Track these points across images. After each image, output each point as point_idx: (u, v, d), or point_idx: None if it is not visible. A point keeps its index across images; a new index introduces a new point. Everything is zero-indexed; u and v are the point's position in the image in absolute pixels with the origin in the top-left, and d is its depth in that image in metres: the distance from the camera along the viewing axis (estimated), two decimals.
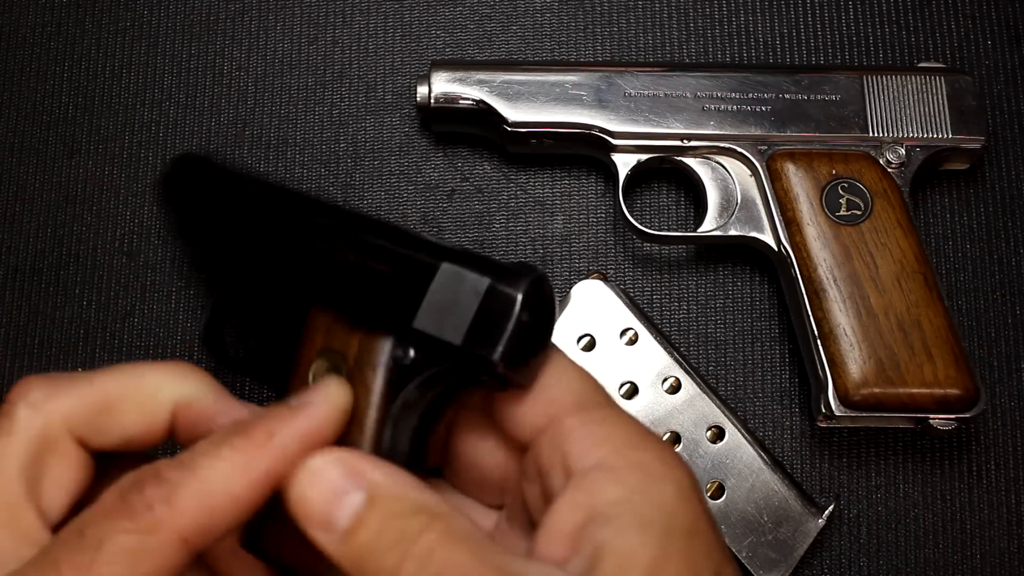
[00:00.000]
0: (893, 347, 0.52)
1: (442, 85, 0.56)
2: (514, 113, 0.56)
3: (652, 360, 0.55)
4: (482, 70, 0.57)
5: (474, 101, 0.56)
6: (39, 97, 0.60)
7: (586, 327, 0.55)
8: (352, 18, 0.62)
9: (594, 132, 0.56)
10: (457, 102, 0.56)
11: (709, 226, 0.56)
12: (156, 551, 0.33)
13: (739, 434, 0.54)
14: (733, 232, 0.55)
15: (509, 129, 0.56)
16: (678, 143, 0.56)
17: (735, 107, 0.56)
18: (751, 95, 0.56)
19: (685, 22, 0.62)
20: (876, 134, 0.56)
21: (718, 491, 0.53)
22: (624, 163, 0.56)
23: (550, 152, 0.58)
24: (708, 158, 0.56)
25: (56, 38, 0.61)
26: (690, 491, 0.35)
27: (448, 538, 0.33)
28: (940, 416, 0.51)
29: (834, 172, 0.55)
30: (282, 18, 0.62)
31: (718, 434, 0.54)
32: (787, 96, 0.56)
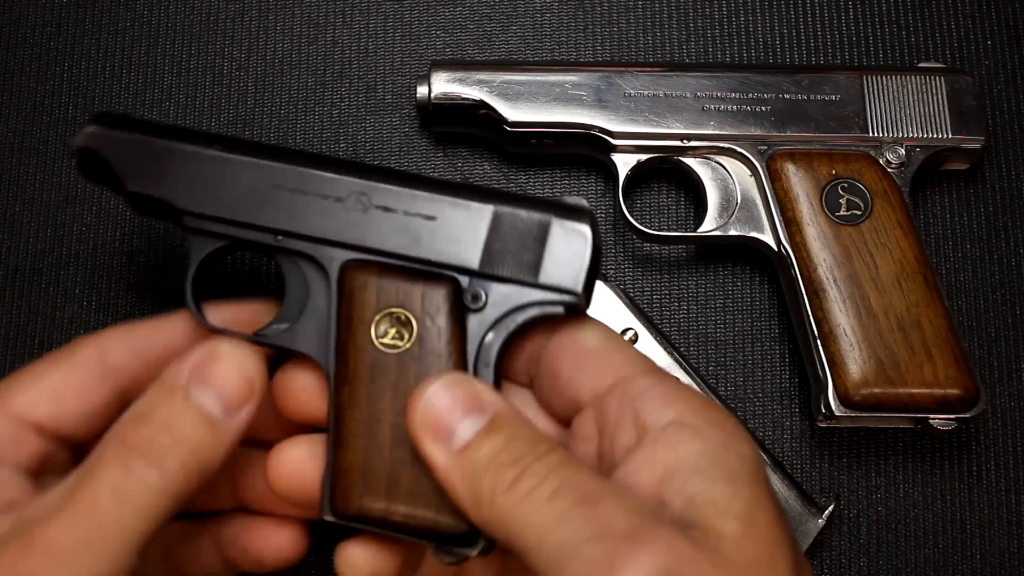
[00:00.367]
0: (893, 347, 0.52)
1: (442, 85, 0.56)
2: (514, 113, 0.56)
3: (652, 360, 0.54)
4: (482, 70, 0.57)
5: (474, 101, 0.56)
6: (39, 97, 0.60)
7: None
8: (352, 18, 0.62)
9: (594, 132, 0.56)
10: (457, 102, 0.56)
11: (709, 226, 0.56)
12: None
13: None
14: (733, 232, 0.55)
15: (509, 129, 0.56)
16: (678, 143, 0.56)
17: (735, 107, 0.56)
18: (751, 95, 0.56)
19: (685, 22, 0.62)
20: (876, 134, 0.56)
21: None
22: (624, 163, 0.56)
23: (550, 152, 0.58)
24: (708, 158, 0.56)
25: (56, 38, 0.61)
26: (759, 451, 0.37)
27: (568, 461, 0.36)
28: (940, 416, 0.51)
29: (834, 172, 0.55)
30: (282, 18, 0.62)
31: None
32: (787, 96, 0.56)
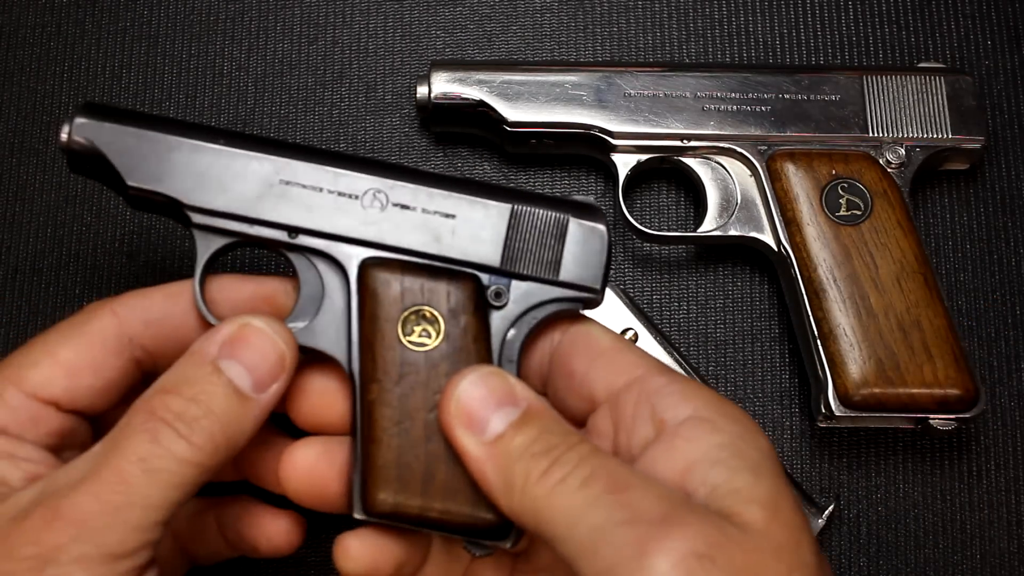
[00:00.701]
0: (893, 347, 0.52)
1: (442, 85, 0.56)
2: (514, 113, 0.56)
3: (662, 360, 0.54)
4: (482, 70, 0.57)
5: (474, 101, 0.56)
6: (39, 97, 0.60)
7: None
8: (352, 18, 0.62)
9: (594, 132, 0.56)
10: (457, 102, 0.56)
11: (709, 226, 0.56)
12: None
13: None
14: (733, 232, 0.55)
15: (509, 129, 0.56)
16: (678, 143, 0.56)
17: (735, 107, 0.56)
18: (751, 95, 0.56)
19: (685, 22, 0.62)
20: (876, 134, 0.56)
21: None
22: (624, 163, 0.56)
23: (550, 152, 0.58)
24: (708, 158, 0.56)
25: (56, 38, 0.61)
26: (772, 446, 0.39)
27: (598, 451, 0.37)
28: (940, 416, 0.51)
29: (834, 172, 0.55)
30: (282, 18, 0.62)
31: None
32: (787, 96, 0.56)
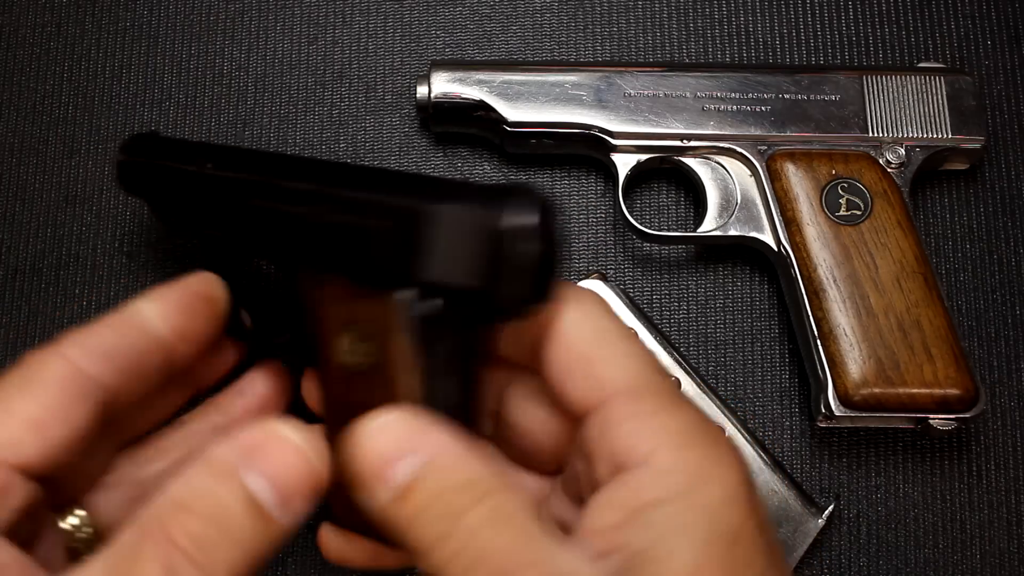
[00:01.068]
0: (893, 347, 0.52)
1: (442, 85, 0.56)
2: (514, 113, 0.56)
3: (650, 359, 0.54)
4: (482, 70, 0.57)
5: (474, 101, 0.56)
6: (39, 97, 0.60)
7: None
8: (352, 18, 0.62)
9: (594, 132, 0.56)
10: (457, 102, 0.56)
11: (709, 226, 0.56)
12: None
13: (739, 434, 0.54)
14: (733, 232, 0.55)
15: (509, 129, 0.56)
16: (678, 143, 0.56)
17: (735, 107, 0.56)
18: (751, 95, 0.56)
19: (685, 22, 0.62)
20: (876, 134, 0.56)
21: None
22: (624, 163, 0.56)
23: (550, 152, 0.58)
24: (708, 158, 0.56)
25: (56, 38, 0.61)
26: (736, 492, 0.34)
27: (494, 519, 0.33)
28: (940, 416, 0.51)
29: (834, 172, 0.55)
30: (282, 18, 0.62)
31: None
32: (787, 96, 0.56)
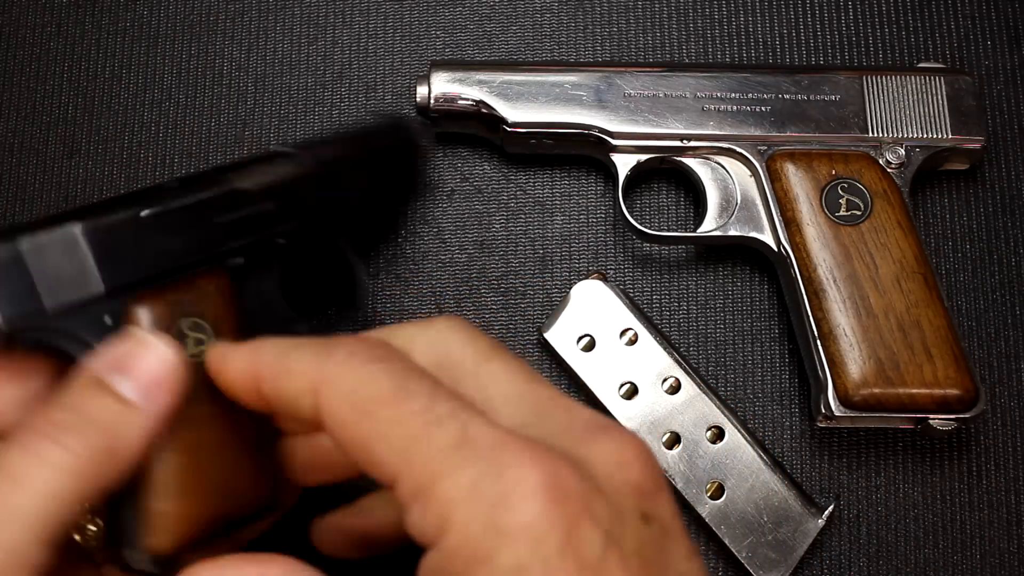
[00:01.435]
0: (893, 347, 0.52)
1: (442, 86, 0.56)
2: (514, 113, 0.56)
3: (652, 360, 0.55)
4: (482, 70, 0.57)
5: (474, 101, 0.56)
6: (39, 97, 0.60)
7: (586, 327, 0.55)
8: (352, 19, 0.62)
9: (594, 132, 0.56)
10: (457, 102, 0.56)
11: (709, 226, 0.56)
12: None
13: (739, 434, 0.54)
14: (733, 232, 0.55)
15: (509, 129, 0.56)
16: (678, 143, 0.56)
17: (735, 107, 0.56)
18: (751, 95, 0.56)
19: (685, 22, 0.62)
20: (876, 134, 0.56)
21: (718, 491, 0.53)
22: (624, 163, 0.56)
23: (550, 152, 0.58)
24: (708, 158, 0.56)
25: (56, 38, 0.61)
26: (530, 557, 0.31)
27: None
28: (940, 416, 0.51)
29: (834, 172, 0.55)
30: (282, 18, 0.62)
31: (718, 434, 0.54)
32: (787, 96, 0.56)
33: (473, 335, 0.38)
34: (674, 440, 0.54)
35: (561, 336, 0.55)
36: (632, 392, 0.54)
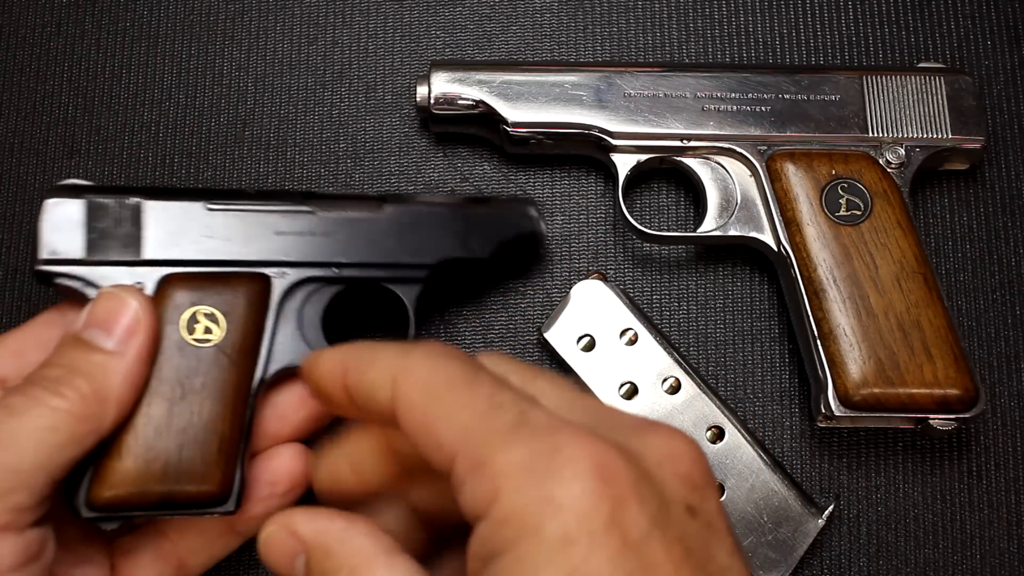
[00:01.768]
0: (893, 347, 0.52)
1: (442, 85, 0.56)
2: (514, 113, 0.56)
3: (652, 360, 0.55)
4: (482, 70, 0.57)
5: (474, 101, 0.56)
6: (39, 97, 0.60)
7: (586, 327, 0.55)
8: (352, 19, 0.62)
9: (594, 132, 0.56)
10: (457, 102, 0.56)
11: (709, 226, 0.56)
12: None
13: (739, 434, 0.54)
14: (733, 232, 0.55)
15: (509, 129, 0.56)
16: (678, 143, 0.56)
17: (735, 107, 0.56)
18: (751, 95, 0.56)
19: (685, 22, 0.62)
20: (876, 134, 0.56)
21: (718, 491, 0.53)
22: (624, 163, 0.56)
23: (550, 152, 0.58)
24: (708, 158, 0.56)
25: (56, 38, 0.61)
26: (577, 528, 0.32)
27: None
28: (940, 416, 0.51)
29: (834, 172, 0.55)
30: (282, 18, 0.62)
31: (718, 434, 0.54)
32: (787, 96, 0.56)
33: (515, 362, 0.40)
34: None
35: (561, 336, 0.55)
36: (632, 392, 0.54)
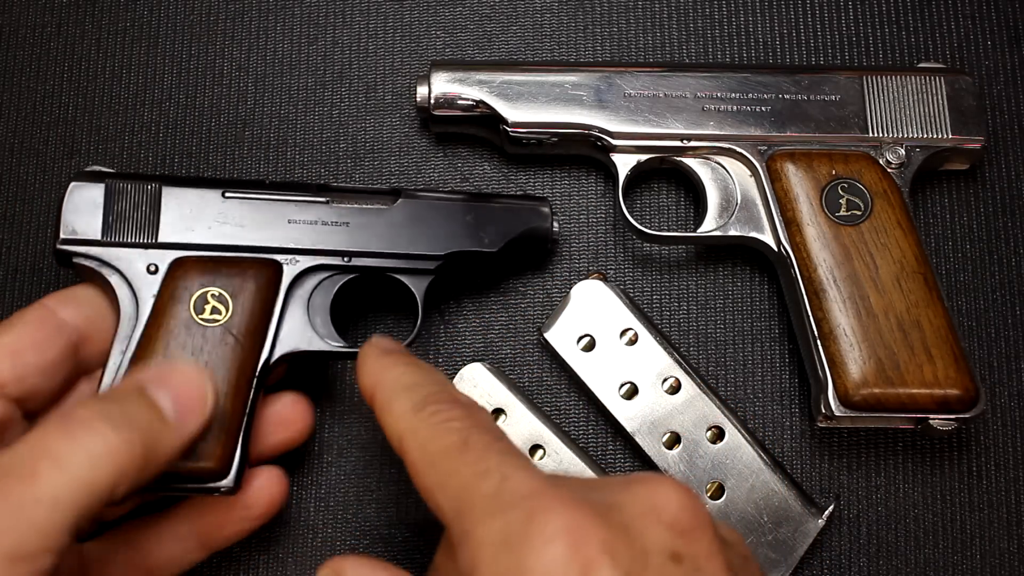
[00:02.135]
0: (893, 347, 0.52)
1: (442, 85, 0.56)
2: (514, 113, 0.56)
3: (652, 360, 0.55)
4: (482, 70, 0.57)
5: (474, 101, 0.56)
6: (39, 97, 0.60)
7: (586, 327, 0.55)
8: (352, 19, 0.62)
9: (594, 132, 0.56)
10: (457, 103, 0.56)
11: (709, 226, 0.56)
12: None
13: (739, 434, 0.54)
14: (733, 232, 0.55)
15: (509, 129, 0.56)
16: (678, 143, 0.56)
17: (735, 107, 0.56)
18: (751, 95, 0.56)
19: (685, 22, 0.62)
20: (876, 134, 0.56)
21: (718, 491, 0.53)
22: (624, 163, 0.56)
23: (550, 152, 0.58)
24: (708, 158, 0.56)
25: (56, 38, 0.61)
26: None
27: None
28: (940, 416, 0.51)
29: (834, 172, 0.55)
30: (282, 19, 0.62)
31: (718, 434, 0.54)
32: (787, 96, 0.56)
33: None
34: (674, 440, 0.54)
35: (561, 336, 0.55)
36: (632, 392, 0.54)
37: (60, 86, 0.61)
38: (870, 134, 0.55)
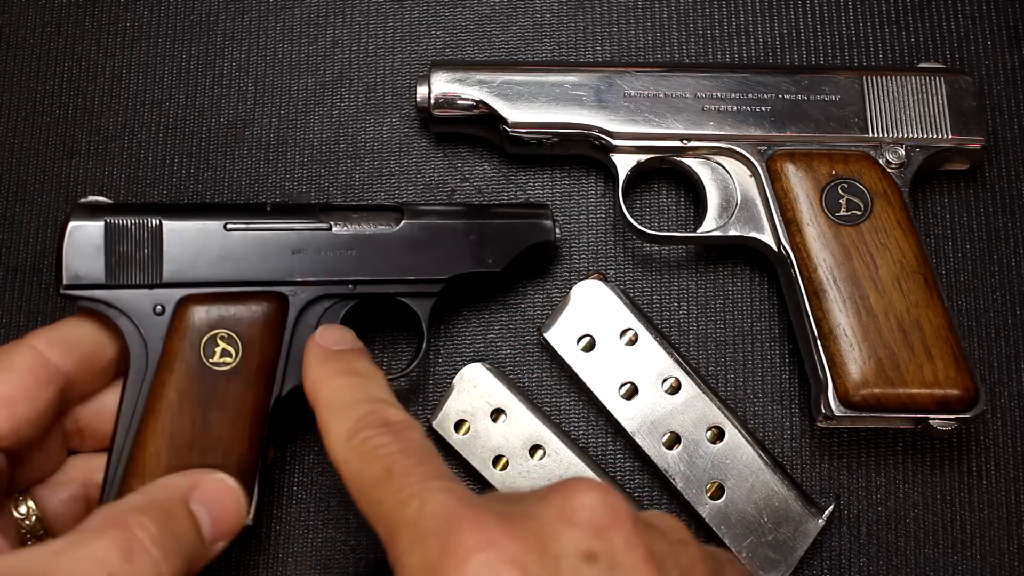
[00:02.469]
0: (893, 347, 0.52)
1: (442, 86, 0.56)
2: (514, 113, 0.56)
3: (652, 360, 0.55)
4: (482, 71, 0.57)
5: (474, 102, 0.56)
6: (39, 97, 0.60)
7: (586, 327, 0.55)
8: (352, 19, 0.62)
9: (594, 132, 0.56)
10: (457, 103, 0.56)
11: (709, 226, 0.56)
12: None
13: (739, 434, 0.54)
14: (733, 232, 0.55)
15: (509, 129, 0.56)
16: (678, 143, 0.56)
17: (735, 107, 0.56)
18: (751, 95, 0.56)
19: (685, 23, 0.62)
20: (876, 134, 0.56)
21: (718, 491, 0.53)
22: (624, 163, 0.56)
23: (550, 152, 0.58)
24: (708, 158, 0.56)
25: (56, 38, 0.61)
26: None
27: None
28: (940, 416, 0.51)
29: (834, 172, 0.55)
30: (282, 19, 0.62)
31: (718, 434, 0.54)
32: (787, 96, 0.56)
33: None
34: (674, 440, 0.54)
35: (561, 336, 0.55)
36: (632, 392, 0.54)
37: (60, 86, 0.61)
38: (870, 134, 0.55)
